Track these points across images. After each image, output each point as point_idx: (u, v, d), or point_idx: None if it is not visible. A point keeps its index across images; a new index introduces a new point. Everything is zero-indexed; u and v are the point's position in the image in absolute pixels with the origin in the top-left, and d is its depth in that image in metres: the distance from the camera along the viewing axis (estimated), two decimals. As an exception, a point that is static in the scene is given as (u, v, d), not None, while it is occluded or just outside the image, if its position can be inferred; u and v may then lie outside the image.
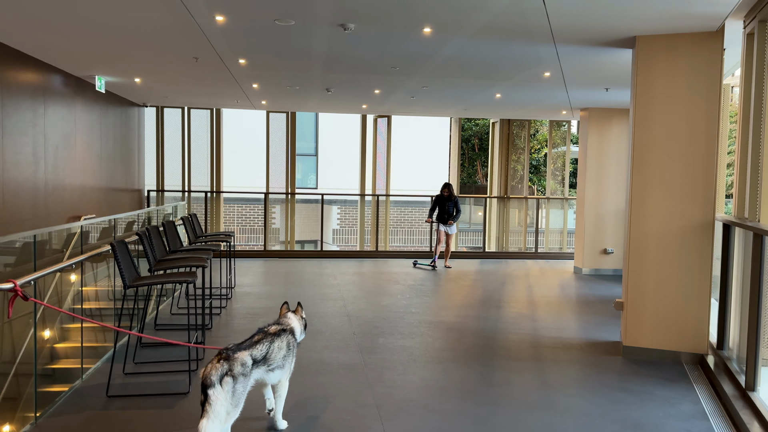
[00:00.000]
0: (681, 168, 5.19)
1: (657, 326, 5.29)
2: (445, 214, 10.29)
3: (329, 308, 7.01)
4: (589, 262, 9.96)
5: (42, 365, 4.55)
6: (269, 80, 8.06)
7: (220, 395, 3.05)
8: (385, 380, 4.59)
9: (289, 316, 3.88)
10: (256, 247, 14.53)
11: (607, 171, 9.82)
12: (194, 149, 11.43)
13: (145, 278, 4.43)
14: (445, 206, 10.25)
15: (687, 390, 4.55)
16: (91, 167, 8.58)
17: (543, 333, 6.15)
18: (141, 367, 4.78)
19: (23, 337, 4.18)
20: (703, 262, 5.16)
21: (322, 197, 12.00)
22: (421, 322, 6.42)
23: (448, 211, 10.27)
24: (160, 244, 5.56)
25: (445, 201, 10.24)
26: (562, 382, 4.71)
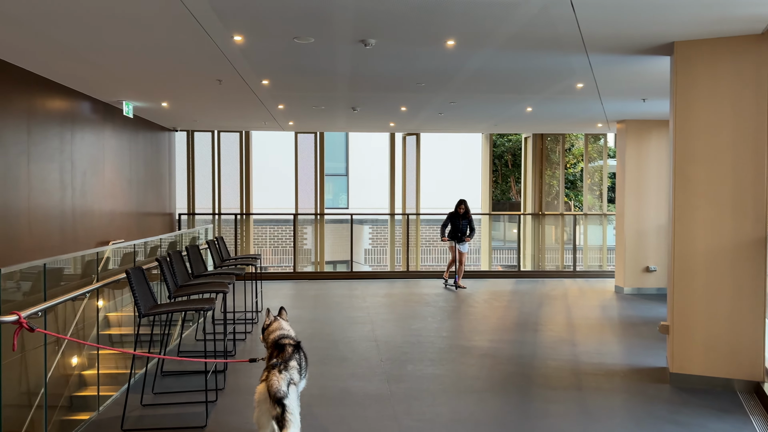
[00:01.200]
0: (728, 181, 4.83)
1: (707, 351, 4.89)
2: (458, 232, 9.92)
3: (357, 333, 6.78)
4: (630, 280, 9.50)
5: (59, 394, 4.45)
6: (294, 101, 7.98)
7: (293, 403, 3.26)
8: (413, 412, 4.32)
9: (285, 327, 3.83)
10: (288, 268, 14.45)
11: (647, 185, 9.40)
12: (224, 172, 11.44)
13: (161, 306, 4.29)
14: (459, 223, 9.90)
15: (743, 423, 4.15)
16: (120, 192, 8.60)
17: (584, 359, 5.79)
18: (160, 397, 4.63)
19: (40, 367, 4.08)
20: (757, 281, 4.76)
21: (351, 217, 11.84)
22: (452, 347, 6.14)
23: (462, 228, 9.92)
24: (182, 269, 5.44)
25: (459, 218, 9.91)
26: (606, 414, 4.36)
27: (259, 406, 3.37)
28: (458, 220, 9.89)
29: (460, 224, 9.90)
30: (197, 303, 4.44)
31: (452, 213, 9.99)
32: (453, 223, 9.95)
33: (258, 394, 3.37)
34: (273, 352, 3.58)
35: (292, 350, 3.55)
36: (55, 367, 4.43)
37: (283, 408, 3.19)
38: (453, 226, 9.96)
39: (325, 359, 5.69)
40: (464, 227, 9.92)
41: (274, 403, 3.20)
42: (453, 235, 9.98)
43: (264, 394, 3.34)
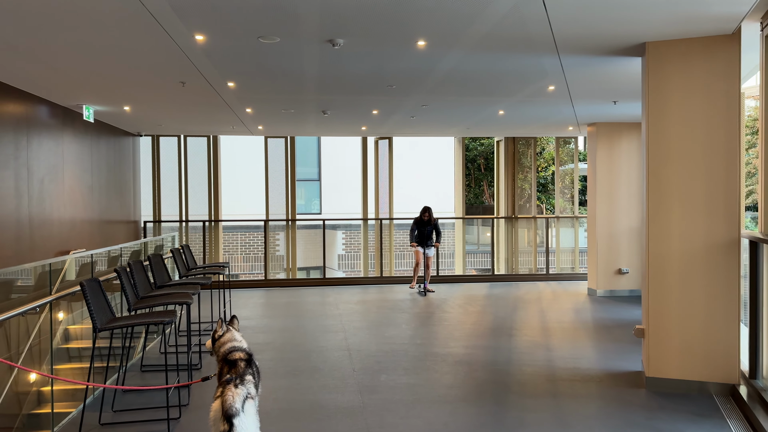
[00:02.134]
0: (701, 182, 4.79)
1: (682, 355, 4.84)
2: (424, 237, 10.06)
3: (329, 341, 6.60)
4: (603, 283, 9.50)
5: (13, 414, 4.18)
6: (262, 104, 7.78)
7: (245, 422, 3.05)
8: (385, 425, 4.17)
9: (237, 337, 3.64)
10: (259, 275, 14.17)
11: (618, 187, 9.42)
12: (192, 178, 11.15)
13: (119, 319, 4.06)
14: (425, 230, 10.01)
15: (721, 427, 4.09)
16: (81, 199, 8.28)
17: (559, 364, 5.71)
18: (119, 415, 4.39)
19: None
20: (730, 282, 4.73)
21: (323, 223, 11.65)
22: (426, 355, 6.00)
23: (428, 234, 10.03)
24: (143, 279, 5.21)
25: (424, 225, 9.98)
26: (584, 422, 4.26)
27: (215, 425, 3.12)
28: (424, 226, 10.00)
29: (426, 230, 10.01)
30: (157, 315, 4.22)
31: (417, 219, 10.07)
32: (419, 230, 10.06)
33: (213, 412, 3.14)
34: (224, 368, 3.40)
35: (245, 365, 3.38)
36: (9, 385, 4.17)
37: (231, 426, 3.00)
38: (419, 232, 10.07)
39: (296, 370, 5.50)
40: (430, 233, 10.03)
41: (224, 419, 3.02)
42: (420, 241, 10.09)
43: (216, 412, 3.11)
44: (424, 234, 10.01)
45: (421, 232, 10.04)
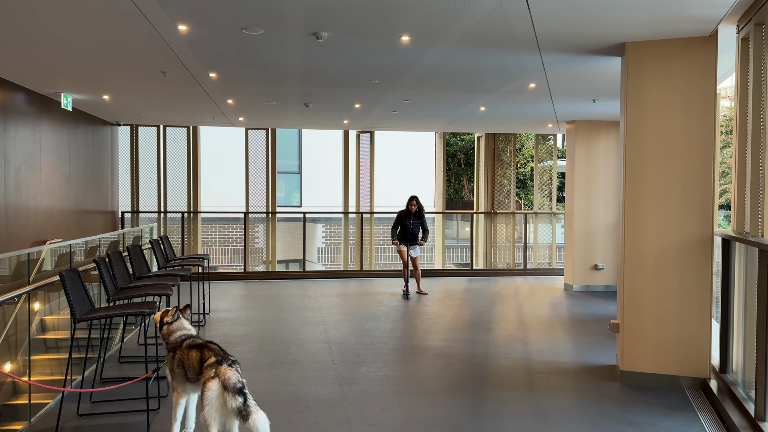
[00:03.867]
0: (677, 180, 4.90)
1: (656, 349, 4.96)
2: (409, 234, 8.94)
3: (309, 334, 6.62)
4: (579, 278, 9.66)
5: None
6: (244, 95, 7.73)
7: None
8: (365, 417, 4.21)
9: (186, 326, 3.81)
10: (238, 268, 14.11)
11: (596, 185, 9.56)
12: (170, 169, 11.04)
13: (99, 310, 4.03)
14: (410, 224, 8.91)
15: (692, 420, 4.21)
16: (58, 188, 8.17)
17: (536, 357, 5.80)
18: (98, 406, 4.36)
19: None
20: (703, 279, 4.85)
21: (304, 216, 11.63)
22: (406, 348, 6.05)
23: (413, 230, 8.93)
24: (122, 270, 5.17)
25: (410, 218, 8.93)
26: (560, 414, 4.35)
27: (210, 404, 3.23)
28: (409, 220, 8.92)
29: (411, 225, 8.91)
30: (137, 306, 4.20)
31: (402, 212, 8.99)
32: (403, 224, 8.94)
33: (209, 391, 3.22)
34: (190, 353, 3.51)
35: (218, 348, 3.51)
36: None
37: (245, 397, 3.20)
38: (403, 227, 8.96)
39: (276, 363, 5.51)
40: (416, 228, 8.95)
41: (235, 394, 3.19)
42: (403, 238, 8.98)
43: (218, 391, 3.21)
44: (409, 229, 8.92)
45: (405, 228, 8.93)
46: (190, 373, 3.52)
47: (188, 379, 3.56)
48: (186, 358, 3.54)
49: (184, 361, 3.54)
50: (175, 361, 3.61)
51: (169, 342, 3.69)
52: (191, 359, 3.50)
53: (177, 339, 3.67)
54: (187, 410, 3.76)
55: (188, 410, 3.77)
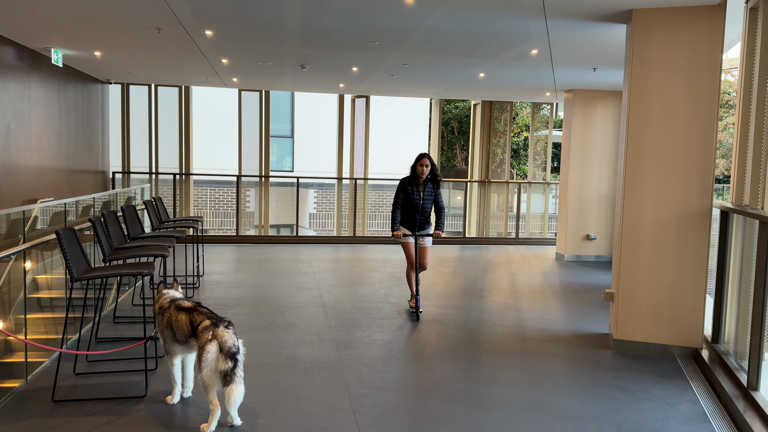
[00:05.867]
0: (678, 151, 4.89)
1: (649, 319, 5.01)
2: (417, 213, 5.89)
3: (303, 298, 6.63)
4: (571, 248, 9.71)
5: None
6: (239, 55, 7.57)
7: (242, 358, 3.34)
8: (362, 379, 4.24)
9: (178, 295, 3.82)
10: (230, 231, 14.05)
11: (591, 155, 9.54)
12: (162, 129, 10.86)
13: (95, 269, 3.99)
14: (419, 197, 5.87)
15: (684, 388, 4.28)
16: (49, 147, 8.02)
17: (529, 324, 5.86)
18: (95, 365, 4.36)
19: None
20: (700, 251, 4.88)
21: (297, 180, 11.55)
22: (401, 313, 6.08)
23: (423, 207, 5.89)
24: (117, 231, 5.11)
25: (419, 186, 5.89)
26: (553, 380, 4.40)
27: (208, 366, 3.27)
28: (417, 190, 5.88)
29: (421, 198, 5.87)
30: (135, 267, 4.16)
31: (407, 179, 5.95)
32: (408, 198, 5.89)
33: (208, 353, 3.24)
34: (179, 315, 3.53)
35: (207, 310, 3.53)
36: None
37: (235, 363, 3.25)
38: (408, 203, 5.89)
39: (271, 326, 5.52)
40: (427, 204, 5.92)
41: (227, 357, 3.23)
42: (409, 221, 5.93)
43: (215, 353, 3.22)
44: (417, 206, 5.87)
45: (412, 203, 5.88)
46: (179, 335, 3.51)
47: (177, 341, 3.55)
48: (175, 320, 3.53)
49: (173, 322, 3.53)
50: (164, 322, 3.60)
51: (163, 306, 3.67)
52: (180, 322, 3.50)
53: (169, 300, 3.66)
54: (184, 371, 3.78)
55: (185, 371, 3.78)
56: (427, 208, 5.96)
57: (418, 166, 5.90)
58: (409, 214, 5.96)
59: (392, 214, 5.95)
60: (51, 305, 5.16)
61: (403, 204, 5.93)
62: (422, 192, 5.94)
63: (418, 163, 5.90)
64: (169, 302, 3.64)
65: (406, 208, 5.95)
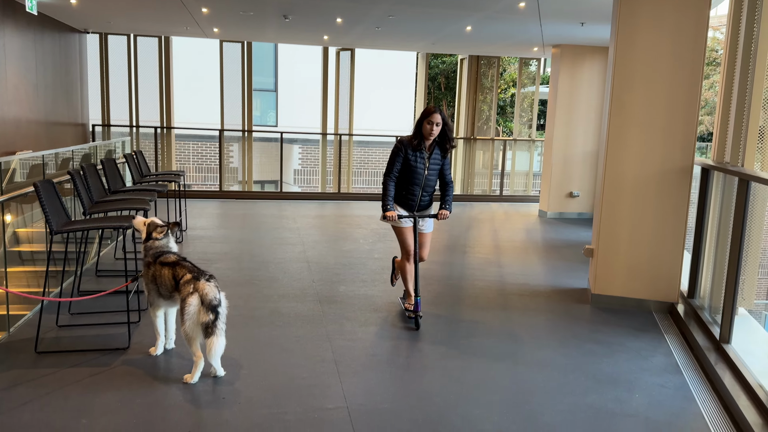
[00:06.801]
0: (662, 109, 4.88)
1: (628, 274, 5.10)
2: (419, 187, 4.44)
3: (287, 253, 6.64)
4: (554, 205, 9.78)
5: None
6: (220, 3, 7.35)
7: (224, 311, 3.37)
8: (345, 332, 4.30)
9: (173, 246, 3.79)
10: (212, 187, 13.95)
11: (577, 111, 9.52)
12: (142, 81, 10.62)
13: (75, 222, 3.95)
14: (422, 166, 4.40)
15: (658, 341, 4.40)
16: (26, 98, 7.82)
17: (509, 279, 5.94)
18: (77, 318, 4.36)
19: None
20: (679, 208, 4.94)
21: (281, 136, 11.42)
22: (384, 269, 6.13)
23: (426, 180, 4.44)
24: (97, 184, 5.04)
25: (422, 151, 4.39)
26: (532, 333, 4.50)
27: (191, 319, 3.31)
28: (422, 156, 4.40)
29: (426, 168, 4.41)
30: (116, 220, 4.12)
31: (408, 140, 4.41)
32: (409, 168, 4.40)
33: (189, 306, 3.27)
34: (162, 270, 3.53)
35: (190, 264, 3.54)
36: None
37: (216, 315, 3.29)
38: (408, 174, 4.42)
39: (255, 280, 5.55)
40: (431, 175, 4.47)
41: (208, 310, 3.26)
42: (406, 198, 4.49)
43: (197, 306, 3.25)
44: (419, 178, 4.42)
45: (412, 178, 4.41)
46: (162, 289, 3.53)
47: (161, 295, 3.58)
48: (159, 275, 3.54)
49: (157, 277, 3.55)
50: (149, 276, 3.60)
51: (146, 255, 3.67)
52: (164, 277, 3.51)
53: (153, 254, 3.64)
54: (166, 323, 3.80)
55: (168, 323, 3.81)
56: (432, 181, 4.50)
57: (426, 125, 4.31)
58: (407, 189, 4.45)
59: (384, 188, 4.42)
60: (32, 258, 5.13)
61: (401, 175, 4.44)
62: (428, 160, 4.42)
63: (426, 120, 4.32)
64: (155, 257, 3.62)
65: (405, 181, 4.43)
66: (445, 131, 4.41)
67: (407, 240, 4.56)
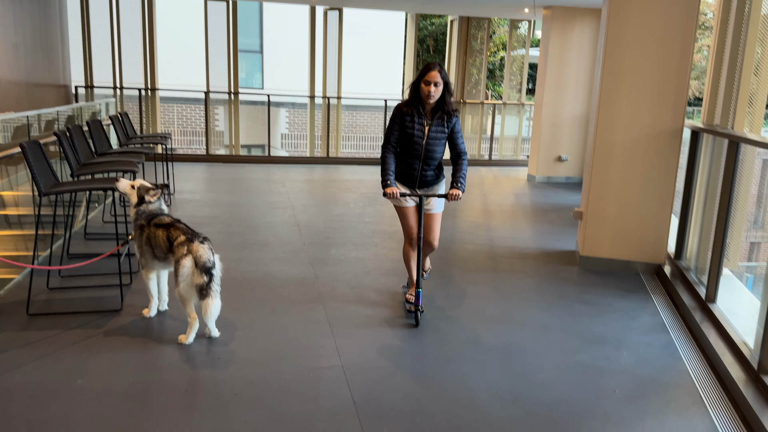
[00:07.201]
0: (654, 71, 4.87)
1: (616, 236, 5.16)
2: (420, 159, 3.86)
3: (278, 217, 6.63)
4: (543, 169, 9.81)
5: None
6: (206, -38, 7.13)
7: (218, 273, 3.39)
8: (337, 294, 4.33)
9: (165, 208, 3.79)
10: (198, 151, 13.78)
11: (568, 74, 9.46)
12: (125, 42, 10.36)
13: (66, 184, 3.90)
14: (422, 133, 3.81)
15: (645, 301, 4.48)
16: (5, 59, 7.60)
17: (499, 243, 5.99)
18: (68, 281, 4.35)
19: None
20: (669, 170, 4.97)
21: (268, 98, 11.26)
22: (374, 232, 6.14)
23: (426, 152, 3.85)
24: (84, 145, 4.96)
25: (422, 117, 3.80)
26: (521, 295, 4.56)
27: (184, 281, 3.32)
28: (421, 122, 3.81)
29: (426, 136, 3.82)
30: (106, 182, 4.07)
31: (406, 104, 3.85)
32: (407, 137, 3.82)
33: (183, 268, 3.27)
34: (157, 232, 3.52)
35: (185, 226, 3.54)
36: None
37: (210, 277, 3.30)
38: (407, 144, 3.84)
39: (246, 244, 5.54)
40: (436, 146, 3.86)
41: (202, 272, 3.28)
42: (406, 172, 3.93)
43: (191, 267, 3.25)
44: (419, 152, 3.84)
45: (410, 148, 3.84)
46: (158, 251, 3.52)
47: (156, 257, 3.57)
48: (153, 237, 3.53)
49: (152, 239, 3.53)
50: (143, 238, 3.59)
51: (139, 218, 3.64)
52: (158, 238, 3.49)
53: (147, 216, 3.62)
54: (159, 285, 3.80)
55: (161, 285, 3.81)
56: (435, 152, 3.84)
57: (423, 85, 3.69)
58: (406, 162, 3.87)
59: (382, 161, 3.83)
60: (20, 222, 5.07)
61: (399, 145, 3.84)
62: (428, 126, 3.79)
63: (423, 79, 3.69)
64: (149, 219, 3.59)
65: (403, 153, 3.86)
66: (446, 91, 3.77)
67: (409, 222, 4.00)
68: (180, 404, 2.82)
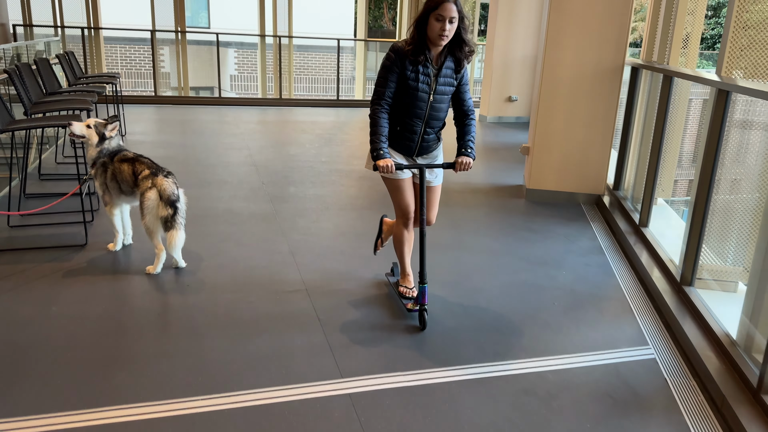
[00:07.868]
0: (599, 9, 5.08)
1: (560, 170, 5.48)
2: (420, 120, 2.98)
3: (234, 158, 6.68)
4: (494, 110, 10.05)
5: None
6: None
7: (183, 206, 3.51)
8: (299, 228, 4.51)
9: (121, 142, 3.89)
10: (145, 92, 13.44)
11: (518, 15, 9.61)
12: (63, -23, 9.87)
13: (21, 121, 3.88)
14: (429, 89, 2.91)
15: (585, 228, 4.84)
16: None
17: (452, 179, 6.23)
18: (29, 219, 4.37)
19: None
20: (610, 107, 5.27)
21: (217, 37, 11.01)
22: (332, 171, 6.29)
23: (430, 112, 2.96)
24: (34, 84, 4.88)
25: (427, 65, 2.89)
26: (471, 225, 4.85)
27: (150, 213, 3.45)
28: (427, 70, 2.90)
29: (433, 90, 2.93)
30: (64, 119, 4.07)
31: (406, 47, 2.88)
32: (407, 90, 2.91)
33: (149, 201, 3.40)
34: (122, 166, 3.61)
35: (150, 161, 3.65)
36: None
37: (175, 210, 3.43)
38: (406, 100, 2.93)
39: (204, 182, 5.62)
40: (442, 103, 2.99)
41: (167, 204, 3.40)
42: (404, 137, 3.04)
43: (156, 200, 3.37)
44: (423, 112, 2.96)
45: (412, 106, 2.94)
46: (124, 186, 3.61)
47: (123, 192, 3.65)
48: (119, 172, 3.60)
49: (117, 174, 3.61)
50: (107, 174, 3.65)
51: (100, 157, 3.69)
52: (124, 173, 3.57)
53: (109, 153, 3.68)
54: (123, 220, 3.90)
55: (124, 220, 3.91)
56: (441, 110, 3.03)
57: (434, 21, 2.82)
58: (404, 124, 3.02)
59: (372, 123, 2.96)
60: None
61: (395, 101, 2.97)
62: (435, 78, 2.95)
63: (435, 14, 2.82)
64: (111, 155, 3.65)
65: (401, 111, 2.99)
66: (460, 31, 2.89)
67: (405, 198, 3.13)
68: (155, 326, 3.00)
